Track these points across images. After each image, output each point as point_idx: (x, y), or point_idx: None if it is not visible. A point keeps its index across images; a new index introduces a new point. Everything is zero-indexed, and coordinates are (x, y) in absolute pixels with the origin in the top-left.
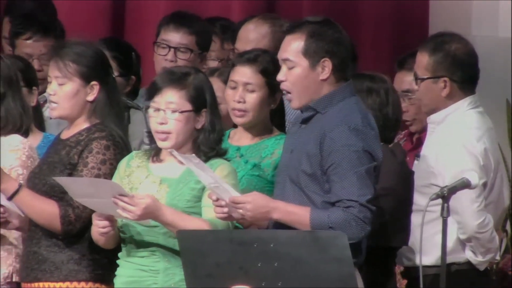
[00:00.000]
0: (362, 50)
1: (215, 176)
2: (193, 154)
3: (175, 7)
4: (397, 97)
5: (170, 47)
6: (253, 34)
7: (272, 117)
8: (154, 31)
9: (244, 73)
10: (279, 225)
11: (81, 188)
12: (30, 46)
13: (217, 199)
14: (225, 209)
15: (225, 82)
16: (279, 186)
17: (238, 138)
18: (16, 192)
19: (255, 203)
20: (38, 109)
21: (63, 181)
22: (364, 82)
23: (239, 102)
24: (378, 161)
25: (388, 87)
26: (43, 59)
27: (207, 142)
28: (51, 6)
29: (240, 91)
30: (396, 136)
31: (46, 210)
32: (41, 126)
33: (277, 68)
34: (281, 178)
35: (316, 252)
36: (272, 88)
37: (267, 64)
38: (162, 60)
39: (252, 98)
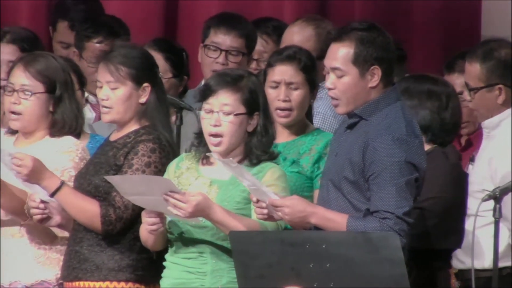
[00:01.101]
0: (412, 50)
1: (253, 179)
2: (231, 158)
3: (227, 7)
4: (458, 102)
5: (221, 50)
6: (297, 37)
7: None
8: None
9: (285, 72)
10: (320, 230)
11: (132, 186)
12: (101, 49)
13: (258, 201)
14: (265, 211)
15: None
16: (323, 189)
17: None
18: (58, 189)
19: (293, 207)
20: None
21: (114, 179)
22: (426, 84)
23: (284, 101)
24: (421, 172)
25: (450, 92)
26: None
27: (260, 145)
28: (101, 8)
29: (284, 90)
30: None
31: (87, 209)
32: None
33: (314, 63)
34: (325, 181)
35: (368, 253)
36: (312, 84)
37: (307, 60)
38: (213, 62)
39: (297, 96)
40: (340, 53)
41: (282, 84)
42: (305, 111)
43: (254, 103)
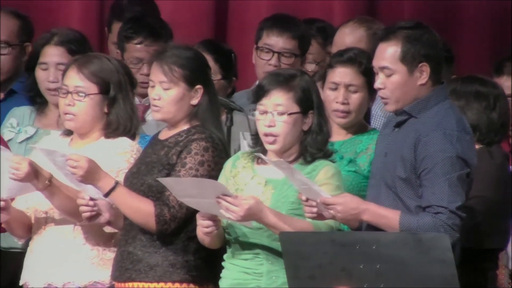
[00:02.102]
0: (461, 50)
1: (304, 179)
2: (282, 159)
3: (278, 7)
4: (506, 103)
5: (273, 51)
6: (349, 38)
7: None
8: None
9: (345, 74)
10: (373, 227)
11: (184, 188)
12: (141, 50)
13: (307, 200)
14: (314, 209)
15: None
16: (373, 189)
17: (332, 134)
18: (112, 189)
19: (345, 204)
20: None
21: (167, 181)
22: (474, 85)
23: (343, 103)
24: (472, 167)
25: (499, 93)
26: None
27: (315, 144)
28: (157, 9)
29: (343, 92)
30: None
31: (142, 208)
32: None
33: None
34: (375, 182)
35: (418, 253)
36: (371, 88)
37: (367, 63)
38: (265, 64)
39: (356, 99)
40: (388, 52)
41: (341, 86)
42: (363, 114)
43: (308, 101)
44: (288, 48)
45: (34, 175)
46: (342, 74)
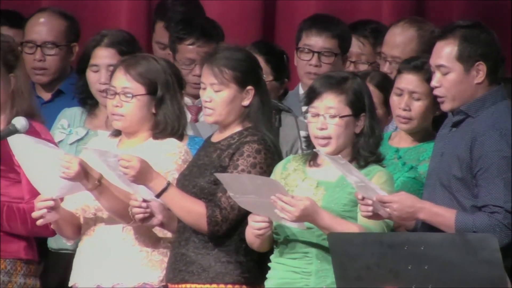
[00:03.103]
0: (510, 51)
1: (361, 176)
2: (339, 155)
3: (325, 7)
4: None
5: (313, 51)
6: (399, 38)
7: (434, 123)
8: None
9: (410, 81)
10: (428, 225)
11: (241, 185)
12: (193, 52)
13: (363, 198)
14: (370, 208)
15: (377, 86)
16: (428, 189)
17: (399, 140)
18: (164, 190)
19: (402, 202)
20: None
21: (224, 177)
22: None
23: (404, 110)
24: None
25: None
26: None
27: (367, 146)
28: (202, 10)
29: (406, 99)
30: None
31: (193, 210)
32: None
33: None
34: (431, 181)
35: (466, 254)
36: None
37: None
38: (306, 65)
39: (418, 107)
40: (445, 51)
41: (405, 93)
42: (428, 121)
43: (360, 104)
44: (328, 47)
45: (84, 174)
46: (407, 81)
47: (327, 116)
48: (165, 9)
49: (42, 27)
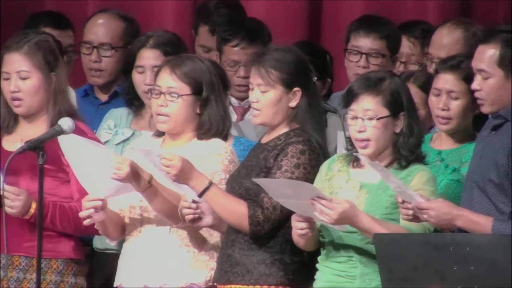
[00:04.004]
0: None
1: (399, 182)
2: (377, 162)
3: (371, 7)
4: None
5: (361, 53)
6: (446, 39)
7: (474, 122)
8: None
9: (447, 81)
10: (464, 231)
11: (279, 189)
12: (237, 53)
13: (403, 202)
14: (410, 212)
15: (420, 87)
16: (467, 191)
17: (440, 142)
18: (206, 189)
19: (438, 209)
20: None
21: (263, 182)
22: None
23: (443, 109)
24: None
25: None
26: (249, 66)
27: (406, 146)
28: (243, 12)
29: (444, 99)
30: None
31: (236, 209)
32: None
33: None
34: (469, 183)
35: None
36: None
37: (470, 70)
38: (355, 66)
39: (456, 106)
40: (486, 55)
41: (443, 93)
42: (467, 121)
43: (397, 104)
44: (376, 48)
45: (134, 176)
46: (444, 81)
47: (365, 119)
48: (208, 12)
49: (100, 29)
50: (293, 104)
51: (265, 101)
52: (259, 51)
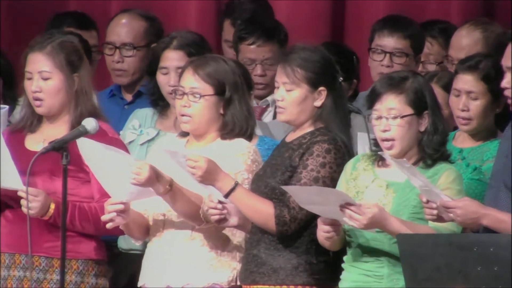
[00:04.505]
0: None
1: (426, 180)
2: (405, 159)
3: (394, 7)
4: None
5: (385, 52)
6: (465, 41)
7: (496, 120)
8: None
9: (466, 81)
10: (490, 229)
11: (308, 196)
12: (254, 51)
13: (427, 201)
14: (435, 211)
15: (443, 87)
16: (492, 191)
17: (462, 140)
18: (232, 190)
19: (465, 208)
20: None
21: (291, 189)
22: None
23: (463, 110)
24: None
25: None
26: (266, 64)
27: (431, 144)
28: (270, 9)
29: (464, 99)
30: None
31: (262, 209)
32: None
33: (499, 73)
34: (494, 183)
35: None
36: (496, 94)
37: (489, 70)
38: (378, 65)
39: (476, 106)
40: None
41: (462, 93)
42: (488, 120)
43: (421, 102)
44: (399, 47)
45: (155, 179)
46: (463, 81)
47: (389, 118)
48: (233, 7)
49: (122, 29)
50: (318, 103)
51: (290, 99)
52: (286, 49)
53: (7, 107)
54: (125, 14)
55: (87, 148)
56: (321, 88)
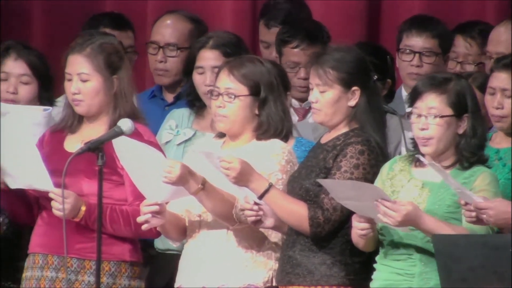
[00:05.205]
0: None
1: (457, 184)
2: (439, 164)
3: (430, 7)
4: None
5: (414, 52)
6: (504, 36)
7: None
8: None
9: (501, 79)
10: None
11: (343, 190)
12: (297, 55)
13: (466, 204)
14: (474, 213)
15: (478, 87)
16: None
17: (499, 141)
18: (266, 191)
19: (497, 209)
20: None
21: (326, 183)
22: None
23: (497, 108)
24: None
25: None
26: (309, 67)
27: (469, 147)
28: (306, 9)
29: (498, 97)
30: None
31: (295, 211)
32: None
33: None
34: None
35: None
36: None
37: None
38: (408, 66)
39: (509, 104)
40: None
41: (497, 91)
42: None
43: (461, 105)
44: (428, 47)
45: (186, 178)
46: (498, 79)
47: (428, 116)
48: (268, 7)
49: (166, 29)
50: (352, 103)
51: (324, 101)
52: (320, 51)
53: (50, 108)
54: (171, 14)
55: (122, 147)
56: (355, 88)
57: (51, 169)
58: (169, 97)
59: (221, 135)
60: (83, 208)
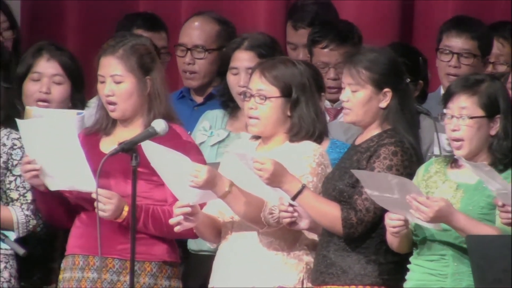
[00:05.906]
0: None
1: (505, 183)
2: (484, 162)
3: (463, 7)
4: None
5: (453, 53)
6: None
7: None
8: None
9: None
10: None
11: (377, 183)
12: (327, 55)
13: (503, 205)
14: (510, 215)
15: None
16: None
17: None
18: (299, 193)
19: None
20: None
21: (361, 174)
22: None
23: None
24: None
25: None
26: (339, 68)
27: (501, 149)
28: (333, 10)
29: None
30: None
31: (328, 212)
32: None
33: None
34: None
35: None
36: None
37: None
38: (446, 66)
39: None
40: None
41: None
42: None
43: (493, 106)
44: (467, 48)
45: (213, 182)
46: None
47: (459, 117)
48: (296, 9)
49: (194, 31)
50: (383, 104)
51: (355, 100)
52: (353, 51)
53: (83, 112)
54: (198, 16)
55: (151, 151)
56: (386, 89)
57: None
58: (198, 98)
59: (257, 136)
60: (126, 209)
